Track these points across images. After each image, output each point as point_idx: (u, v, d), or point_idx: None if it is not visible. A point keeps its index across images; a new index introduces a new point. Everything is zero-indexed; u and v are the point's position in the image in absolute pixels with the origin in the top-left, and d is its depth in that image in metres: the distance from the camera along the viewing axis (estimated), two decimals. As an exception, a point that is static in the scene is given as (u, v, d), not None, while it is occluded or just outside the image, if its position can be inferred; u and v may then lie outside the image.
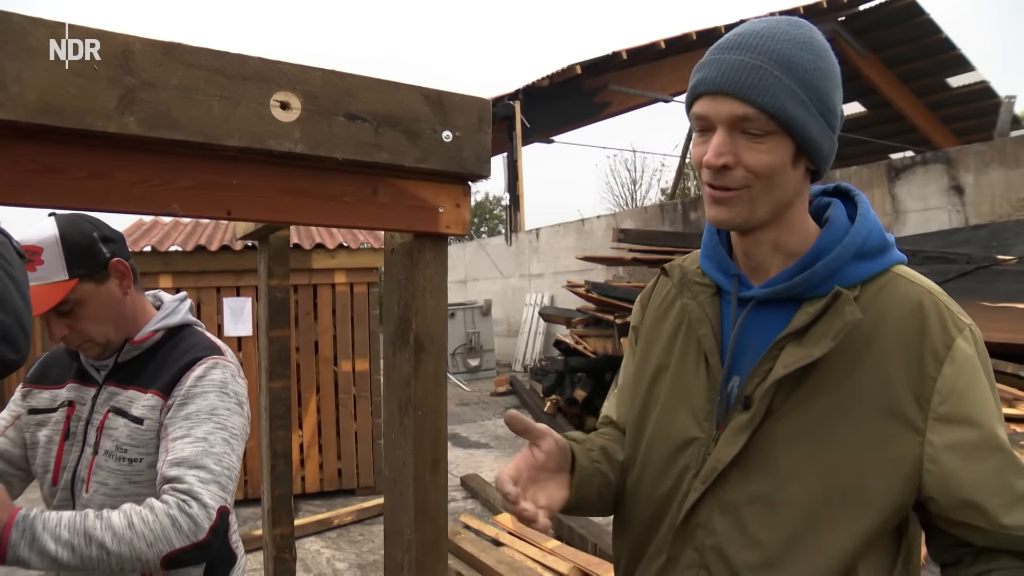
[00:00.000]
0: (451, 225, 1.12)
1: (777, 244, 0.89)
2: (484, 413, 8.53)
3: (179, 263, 4.54)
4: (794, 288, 0.86)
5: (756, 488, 0.86)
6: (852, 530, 0.81)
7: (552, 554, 3.24)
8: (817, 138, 0.82)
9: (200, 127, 0.87)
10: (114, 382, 1.28)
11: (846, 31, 14.83)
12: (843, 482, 0.81)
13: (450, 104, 1.07)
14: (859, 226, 0.86)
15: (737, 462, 0.87)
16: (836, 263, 0.84)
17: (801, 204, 0.89)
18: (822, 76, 0.82)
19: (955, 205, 6.81)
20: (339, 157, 0.97)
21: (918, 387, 0.80)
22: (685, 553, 0.91)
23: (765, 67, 0.80)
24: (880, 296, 0.85)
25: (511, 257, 13.75)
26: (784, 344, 0.85)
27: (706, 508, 0.89)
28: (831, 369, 0.83)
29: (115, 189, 0.87)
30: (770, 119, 0.79)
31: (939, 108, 16.77)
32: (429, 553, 1.14)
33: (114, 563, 1.02)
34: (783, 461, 0.84)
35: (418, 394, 1.12)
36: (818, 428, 0.83)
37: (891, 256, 0.88)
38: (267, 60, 0.93)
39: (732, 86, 0.80)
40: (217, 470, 1.14)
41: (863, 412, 0.81)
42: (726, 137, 0.81)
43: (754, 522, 0.85)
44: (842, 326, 0.81)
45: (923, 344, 0.81)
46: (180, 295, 1.44)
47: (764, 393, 0.84)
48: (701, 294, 0.97)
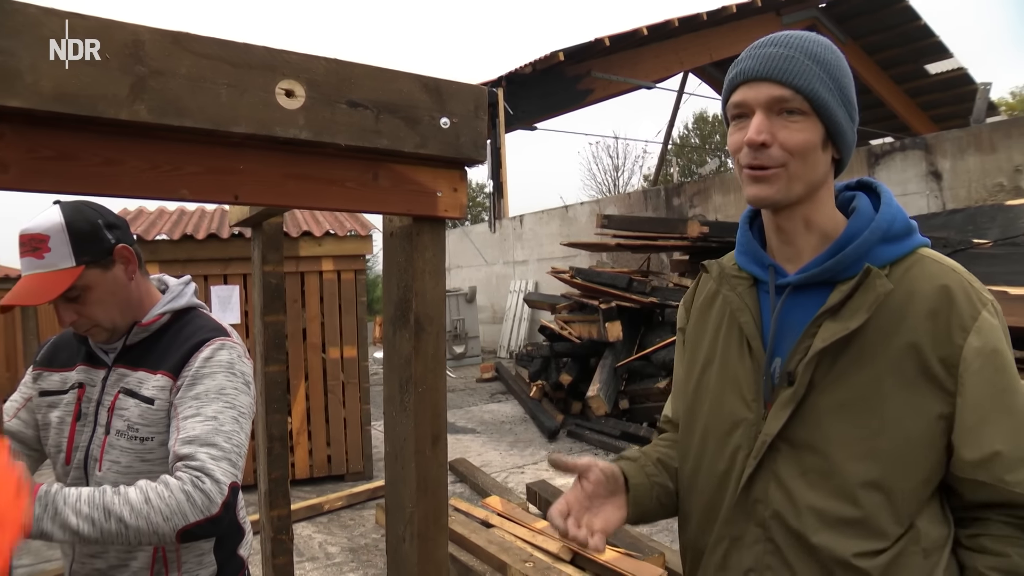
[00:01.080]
0: (449, 209, 1.15)
1: (808, 221, 0.97)
2: (471, 399, 8.59)
3: (166, 252, 4.53)
4: (827, 272, 0.94)
5: (806, 458, 0.92)
6: (902, 489, 0.88)
7: (542, 534, 3.30)
8: (843, 124, 0.93)
9: (208, 114, 0.90)
10: (123, 364, 1.31)
11: (827, 18, 14.92)
12: (887, 445, 0.88)
13: (447, 91, 1.11)
14: (884, 212, 0.95)
15: (786, 436, 0.94)
16: (865, 246, 0.92)
17: (828, 189, 0.98)
18: (843, 73, 0.94)
19: (933, 190, 6.92)
20: (342, 143, 1.00)
21: (947, 354, 0.87)
22: (748, 531, 0.97)
23: (798, 57, 0.91)
24: (909, 275, 0.92)
25: (495, 244, 13.77)
26: (821, 321, 0.93)
27: (761, 482, 0.96)
28: (867, 342, 0.90)
29: (127, 175, 0.90)
30: (804, 100, 0.90)
31: (918, 95, 16.93)
32: (431, 526, 1.18)
33: (132, 536, 1.06)
34: (829, 431, 0.91)
35: (419, 372, 1.16)
36: (859, 397, 0.90)
37: (916, 239, 0.96)
38: (272, 49, 0.96)
39: (771, 72, 0.91)
40: (227, 447, 1.17)
41: (900, 379, 0.88)
42: (764, 119, 0.91)
43: (808, 490, 0.92)
44: (875, 298, 0.89)
45: (951, 317, 0.88)
46: (185, 278, 1.47)
47: (806, 366, 0.92)
48: (739, 286, 1.04)
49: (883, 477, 0.88)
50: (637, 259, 8.81)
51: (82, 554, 1.26)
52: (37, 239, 1.22)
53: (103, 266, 1.28)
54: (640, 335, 6.85)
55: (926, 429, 0.88)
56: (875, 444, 0.89)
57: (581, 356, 7.14)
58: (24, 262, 1.25)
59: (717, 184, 9.28)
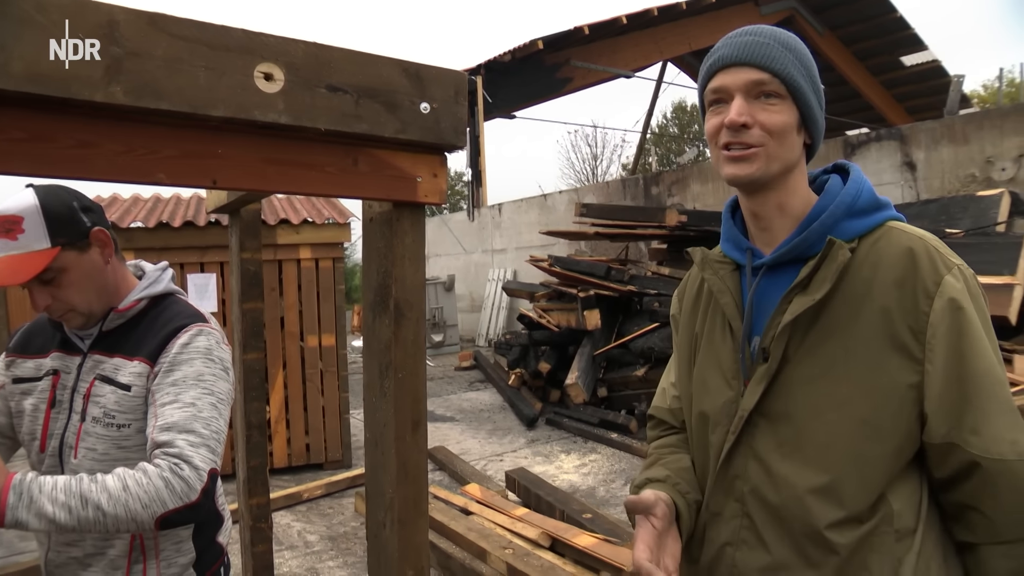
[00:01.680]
0: (428, 194, 1.15)
1: (782, 205, 1.00)
2: (449, 388, 8.59)
3: (141, 240, 4.47)
4: (796, 249, 0.97)
5: (782, 431, 0.95)
6: (873, 459, 0.90)
7: (521, 521, 3.32)
8: (815, 110, 0.97)
9: (186, 97, 0.89)
10: (99, 350, 1.30)
11: (804, 9, 15.02)
12: (859, 413, 0.90)
13: (428, 77, 1.10)
14: (848, 187, 0.98)
15: (762, 410, 0.97)
16: (830, 220, 0.96)
17: (801, 172, 1.01)
18: (811, 63, 0.99)
19: (907, 180, 7.01)
20: (321, 128, 1.00)
21: (913, 321, 0.89)
22: (728, 505, 1.00)
23: (773, 44, 0.96)
24: (876, 246, 0.94)
25: (474, 233, 13.75)
26: (792, 296, 0.95)
27: (740, 458, 0.99)
28: (837, 313, 0.93)
29: (101, 158, 0.89)
30: (781, 83, 0.94)
31: (893, 86, 17.14)
32: (411, 512, 1.19)
33: (110, 524, 1.05)
34: (803, 402, 0.94)
35: (398, 358, 1.16)
36: (831, 367, 0.92)
37: (885, 213, 0.98)
38: (249, 32, 0.95)
39: (749, 57, 0.95)
40: (206, 433, 1.17)
41: (869, 348, 0.90)
42: (744, 102, 0.95)
43: (783, 461, 0.94)
44: (836, 268, 0.91)
45: (916, 283, 0.89)
46: (162, 264, 1.45)
47: (777, 340, 0.95)
48: (721, 270, 1.08)
49: (852, 444, 0.90)
50: (615, 247, 8.84)
51: (58, 543, 1.25)
52: (10, 220, 1.20)
53: (79, 248, 1.26)
54: (618, 323, 6.88)
55: (896, 398, 0.89)
56: (845, 412, 0.91)
57: (560, 344, 7.16)
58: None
59: (695, 173, 9.32)
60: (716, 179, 8.94)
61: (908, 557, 0.90)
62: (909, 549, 0.90)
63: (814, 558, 0.92)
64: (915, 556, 0.90)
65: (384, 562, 1.21)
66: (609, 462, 5.22)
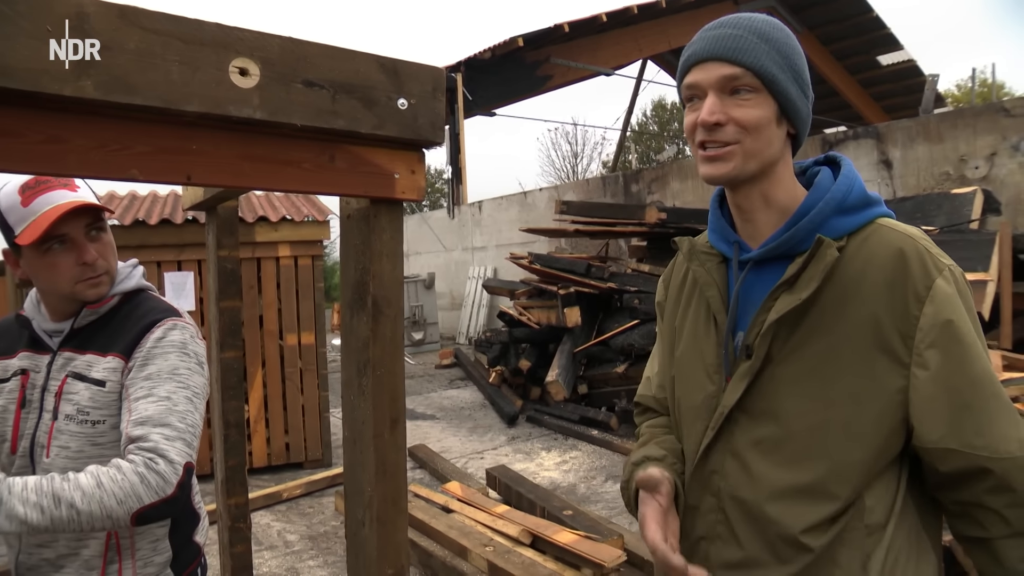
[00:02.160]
0: (406, 191, 1.14)
1: (766, 198, 0.98)
2: (430, 386, 8.57)
3: (117, 238, 4.31)
4: (784, 245, 0.95)
5: (762, 430, 0.94)
6: (854, 462, 0.89)
7: (501, 518, 3.32)
8: (795, 100, 0.94)
9: (159, 92, 0.87)
10: (70, 348, 1.28)
11: (783, 7, 15.15)
12: (841, 415, 0.89)
13: (405, 72, 1.09)
14: (839, 183, 0.96)
15: (743, 407, 0.96)
16: (819, 217, 0.94)
17: (785, 165, 0.99)
18: (792, 50, 0.95)
19: (884, 178, 7.09)
20: (297, 123, 0.99)
21: (902, 325, 0.88)
22: (705, 499, 1.00)
23: (746, 36, 0.93)
24: (865, 245, 0.92)
25: (454, 230, 13.72)
26: (778, 294, 0.94)
27: (718, 454, 0.98)
28: (824, 313, 0.91)
29: (72, 153, 0.87)
30: (754, 76, 0.91)
31: (870, 85, 17.36)
32: (390, 509, 1.18)
33: (84, 522, 1.03)
34: (786, 402, 0.93)
35: (376, 355, 1.15)
36: (815, 368, 0.91)
37: (874, 210, 0.96)
38: (224, 26, 0.94)
39: (720, 51, 0.92)
40: (181, 427, 1.15)
41: (855, 349, 0.89)
42: (716, 99, 0.93)
43: (761, 460, 0.94)
44: (824, 267, 0.90)
45: (906, 285, 0.88)
46: (132, 261, 1.44)
47: (762, 338, 0.93)
48: (708, 262, 1.06)
49: (835, 447, 0.89)
50: (596, 245, 8.86)
51: (29, 544, 1.23)
52: (62, 180, 1.26)
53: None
54: (599, 320, 6.90)
55: (882, 402, 0.88)
56: (829, 414, 0.90)
57: (540, 342, 7.17)
58: (55, 195, 1.25)
59: (675, 170, 9.37)
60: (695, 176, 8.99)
61: (877, 551, 0.90)
62: (878, 543, 0.90)
63: (786, 556, 0.92)
64: (884, 551, 0.90)
65: (363, 561, 1.20)
66: (590, 459, 5.23)
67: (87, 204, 1.24)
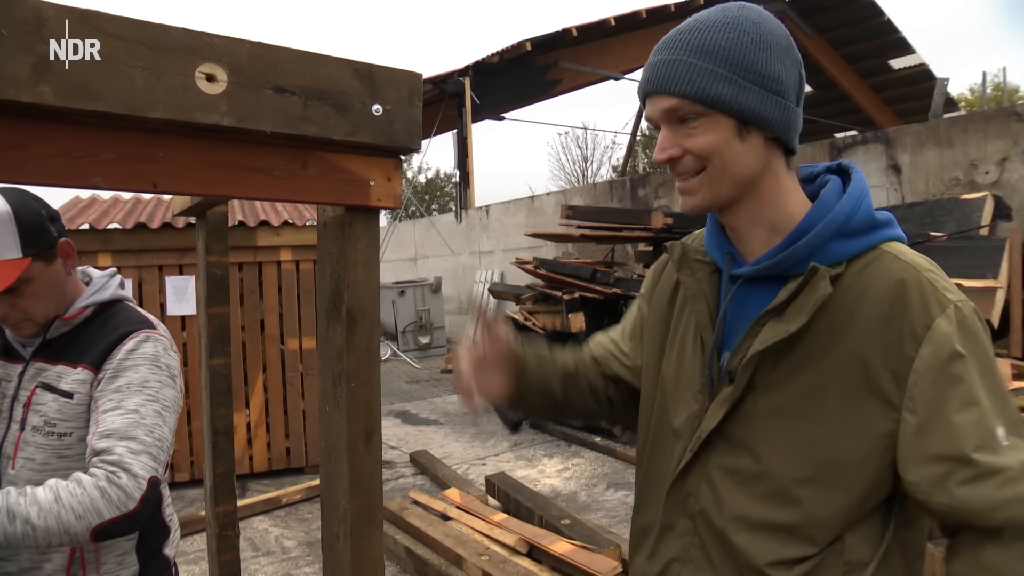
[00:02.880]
0: (382, 198, 1.12)
1: (754, 216, 0.91)
2: (434, 390, 8.55)
3: (119, 241, 4.41)
4: (778, 266, 0.88)
5: (739, 460, 0.89)
6: (835, 505, 0.83)
7: (499, 527, 3.29)
8: (757, 107, 0.85)
9: (122, 98, 0.86)
10: (42, 358, 1.26)
11: (794, 12, 15.09)
12: (824, 456, 0.83)
13: (380, 77, 1.07)
14: (843, 204, 0.87)
15: (723, 433, 0.90)
16: (817, 240, 0.86)
17: (772, 175, 0.90)
18: (745, 50, 0.85)
19: (893, 183, 7.03)
20: (267, 130, 0.97)
21: (896, 365, 0.81)
22: (680, 522, 0.95)
23: (680, 59, 0.85)
24: (865, 273, 0.85)
25: (461, 234, 13.71)
26: (766, 320, 0.88)
27: (695, 476, 0.93)
28: (813, 345, 0.85)
29: (32, 161, 0.86)
30: (694, 103, 0.84)
31: (882, 89, 17.26)
32: (364, 524, 1.16)
33: (40, 538, 1.01)
34: (765, 435, 0.87)
35: (351, 367, 1.13)
36: (799, 402, 0.85)
37: (881, 234, 0.88)
38: (191, 31, 0.92)
39: (656, 84, 0.87)
40: (148, 441, 1.13)
41: (843, 387, 0.83)
42: (667, 132, 0.88)
43: (735, 491, 0.88)
44: (815, 301, 0.83)
45: (903, 321, 0.81)
46: (110, 271, 1.42)
47: (744, 367, 0.87)
48: (700, 271, 1.00)
49: (816, 489, 0.83)
50: (602, 250, 8.82)
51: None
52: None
53: (46, 259, 1.24)
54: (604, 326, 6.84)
55: (868, 445, 0.82)
56: (810, 454, 0.84)
57: (545, 347, 7.12)
58: None
59: (682, 176, 9.32)
60: (703, 182, 8.94)
61: None
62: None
63: None
64: None
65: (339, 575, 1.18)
66: (592, 466, 5.20)
67: None
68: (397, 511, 3.59)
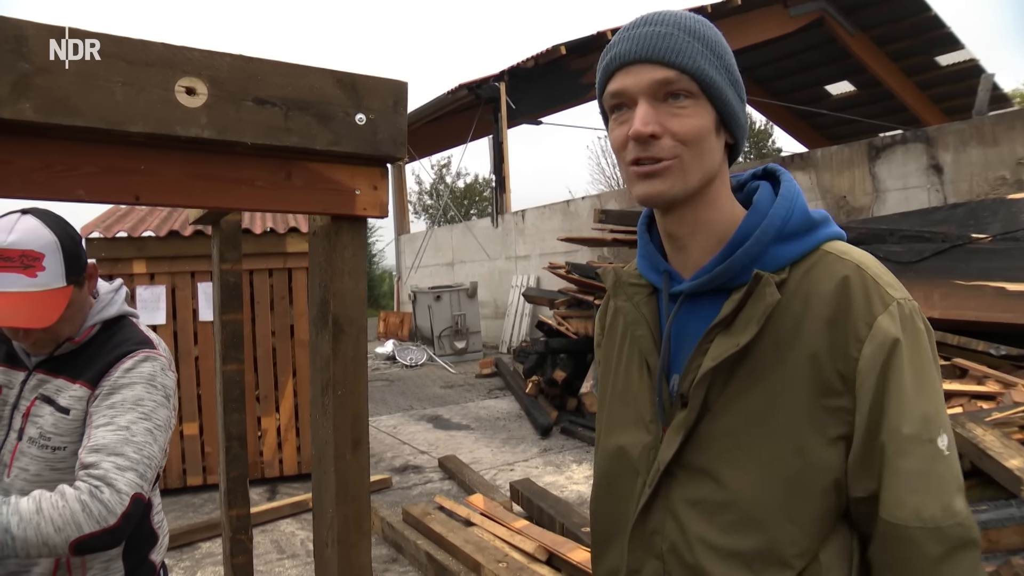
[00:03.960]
0: (368, 208, 1.13)
1: (699, 221, 0.87)
2: (468, 395, 8.57)
3: (153, 249, 4.53)
4: (719, 278, 0.85)
5: (702, 489, 0.83)
6: (804, 522, 0.79)
7: (520, 534, 3.28)
8: (734, 105, 0.83)
9: (101, 113, 0.87)
10: (44, 370, 1.30)
11: (835, 9, 14.78)
12: (786, 472, 0.79)
13: (364, 87, 1.08)
14: (777, 207, 0.84)
15: (681, 462, 0.85)
16: (756, 248, 0.83)
17: (722, 181, 0.88)
18: (726, 51, 0.84)
19: (934, 184, 6.83)
20: (248, 141, 0.98)
21: (843, 367, 0.78)
22: (648, 563, 0.88)
23: (678, 34, 0.81)
24: (809, 276, 0.82)
25: (498, 239, 13.74)
26: (714, 335, 0.84)
27: (658, 512, 0.87)
28: (764, 356, 0.81)
29: (15, 175, 0.88)
30: (692, 80, 0.80)
31: (929, 87, 16.79)
32: (351, 531, 1.16)
33: (19, 548, 1.02)
34: (725, 458, 0.82)
35: (337, 375, 1.14)
36: (755, 420, 0.81)
37: (820, 234, 0.85)
38: (171, 46, 0.94)
39: (651, 52, 0.80)
40: (136, 458, 1.15)
41: (797, 397, 0.79)
42: (650, 107, 0.81)
43: (701, 521, 0.83)
44: (763, 310, 0.79)
45: (847, 322, 0.78)
46: (115, 284, 1.45)
47: (696, 388, 0.83)
48: (636, 295, 0.95)
49: (780, 507, 0.79)
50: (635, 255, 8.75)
51: None
52: (31, 256, 1.18)
53: (80, 284, 1.27)
54: (636, 331, 6.79)
55: (828, 453, 0.79)
56: (771, 471, 0.79)
57: (577, 352, 7.09)
58: (7, 278, 1.17)
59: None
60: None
61: None
62: None
63: None
64: None
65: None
66: (622, 472, 5.13)
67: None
68: (420, 516, 3.61)
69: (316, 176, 1.08)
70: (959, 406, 4.01)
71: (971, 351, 4.58)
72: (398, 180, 18.03)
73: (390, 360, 12.01)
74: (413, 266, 16.92)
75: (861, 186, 7.36)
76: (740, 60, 0.90)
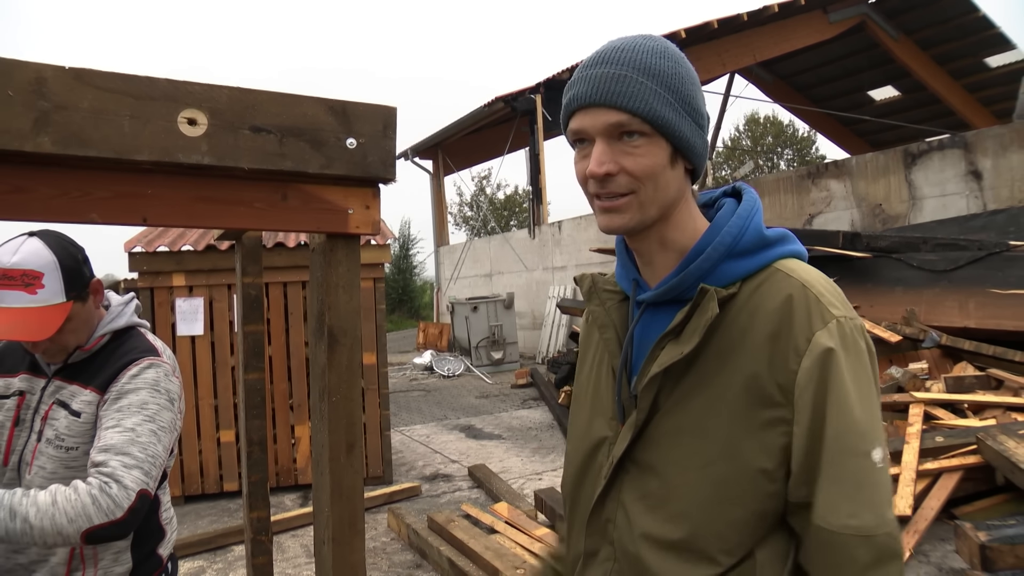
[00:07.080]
0: (361, 226, 1.20)
1: (663, 240, 0.92)
2: (502, 405, 8.63)
3: (191, 262, 4.72)
4: (674, 289, 0.90)
5: (648, 484, 0.90)
6: (736, 522, 0.84)
7: (540, 541, 3.32)
8: (689, 137, 0.87)
9: (111, 144, 0.96)
10: (61, 377, 1.42)
11: (876, 14, 14.53)
12: (720, 474, 0.84)
13: (354, 113, 1.16)
14: (731, 226, 0.89)
15: (633, 457, 0.91)
16: (707, 264, 0.88)
17: (685, 203, 0.93)
18: (681, 80, 0.87)
19: (973, 190, 6.69)
20: (245, 167, 1.06)
21: (783, 380, 0.82)
22: (602, 548, 0.95)
23: (628, 75, 0.84)
24: (758, 292, 0.87)
25: (534, 250, 13.81)
26: (664, 343, 0.89)
27: (611, 502, 0.94)
28: (708, 364, 0.86)
29: (37, 201, 0.97)
30: (644, 122, 0.84)
31: (978, 89, 16.35)
32: (345, 531, 1.24)
33: (37, 536, 1.14)
34: (669, 456, 0.88)
35: (332, 382, 1.22)
36: (696, 422, 0.86)
37: (772, 252, 0.90)
38: (175, 81, 1.03)
39: (604, 96, 0.84)
40: (141, 457, 1.26)
41: (736, 405, 0.84)
42: (605, 146, 0.85)
43: (645, 514, 0.89)
44: (704, 322, 0.84)
45: (788, 338, 0.82)
46: (127, 297, 1.56)
47: (644, 390, 0.89)
48: (609, 300, 1.02)
49: (714, 506, 0.84)
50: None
51: (6, 549, 1.36)
52: (31, 275, 1.29)
53: (83, 299, 1.38)
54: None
55: (761, 461, 0.83)
56: (707, 472, 0.85)
57: (610, 362, 7.08)
58: (9, 295, 1.28)
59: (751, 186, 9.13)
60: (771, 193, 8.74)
61: None
62: None
63: None
64: None
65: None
66: (651, 482, 5.13)
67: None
68: (444, 523, 3.68)
69: (311, 197, 1.16)
70: (993, 417, 3.93)
71: (1007, 361, 4.48)
72: (437, 193, 18.24)
73: (427, 370, 12.15)
74: (452, 277, 17.09)
75: (897, 194, 7.24)
76: (779, 67, 0.92)
